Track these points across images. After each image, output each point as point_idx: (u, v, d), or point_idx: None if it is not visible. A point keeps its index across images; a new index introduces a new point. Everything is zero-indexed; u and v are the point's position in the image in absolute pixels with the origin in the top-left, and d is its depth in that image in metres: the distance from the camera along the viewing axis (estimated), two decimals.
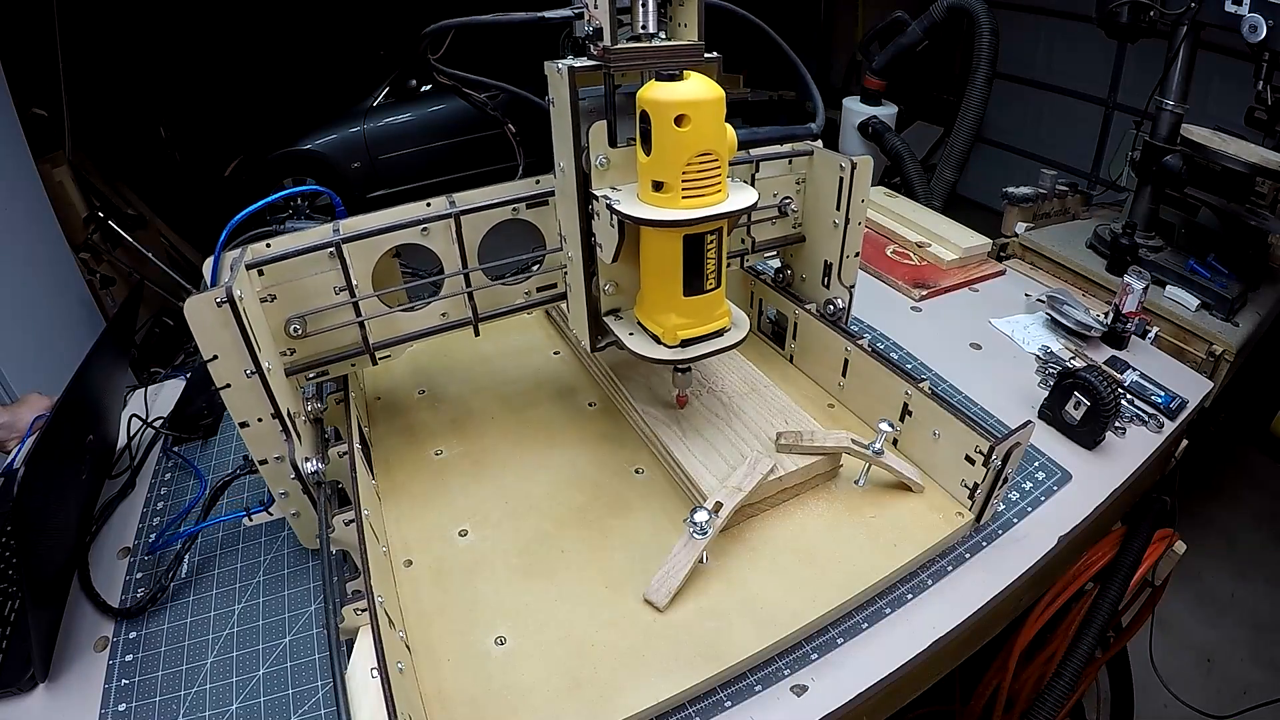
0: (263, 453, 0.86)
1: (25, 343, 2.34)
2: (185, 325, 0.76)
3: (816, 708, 0.81)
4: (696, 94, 0.78)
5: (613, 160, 0.90)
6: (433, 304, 1.05)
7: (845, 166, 1.12)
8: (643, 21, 0.83)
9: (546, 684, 0.80)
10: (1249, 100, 1.84)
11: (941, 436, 1.03)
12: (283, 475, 0.87)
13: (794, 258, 1.31)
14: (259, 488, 1.00)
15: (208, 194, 4.84)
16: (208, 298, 0.75)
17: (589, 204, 0.93)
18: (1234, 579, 2.55)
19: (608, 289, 1.00)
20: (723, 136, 0.83)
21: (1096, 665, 1.51)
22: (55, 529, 0.93)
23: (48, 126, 3.43)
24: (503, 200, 1.03)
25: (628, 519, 1.01)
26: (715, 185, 0.83)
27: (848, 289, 1.23)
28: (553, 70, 0.87)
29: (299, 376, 0.99)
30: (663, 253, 0.87)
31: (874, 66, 4.25)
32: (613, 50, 0.81)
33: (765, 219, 1.23)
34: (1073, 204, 2.35)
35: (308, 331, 0.96)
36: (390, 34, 5.60)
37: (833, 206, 1.17)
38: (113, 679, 0.85)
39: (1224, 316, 1.84)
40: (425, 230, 1.00)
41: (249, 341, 0.78)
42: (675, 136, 0.78)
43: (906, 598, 0.94)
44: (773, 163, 1.18)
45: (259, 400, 0.82)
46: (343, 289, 0.96)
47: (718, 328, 0.94)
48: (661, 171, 0.81)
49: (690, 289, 0.89)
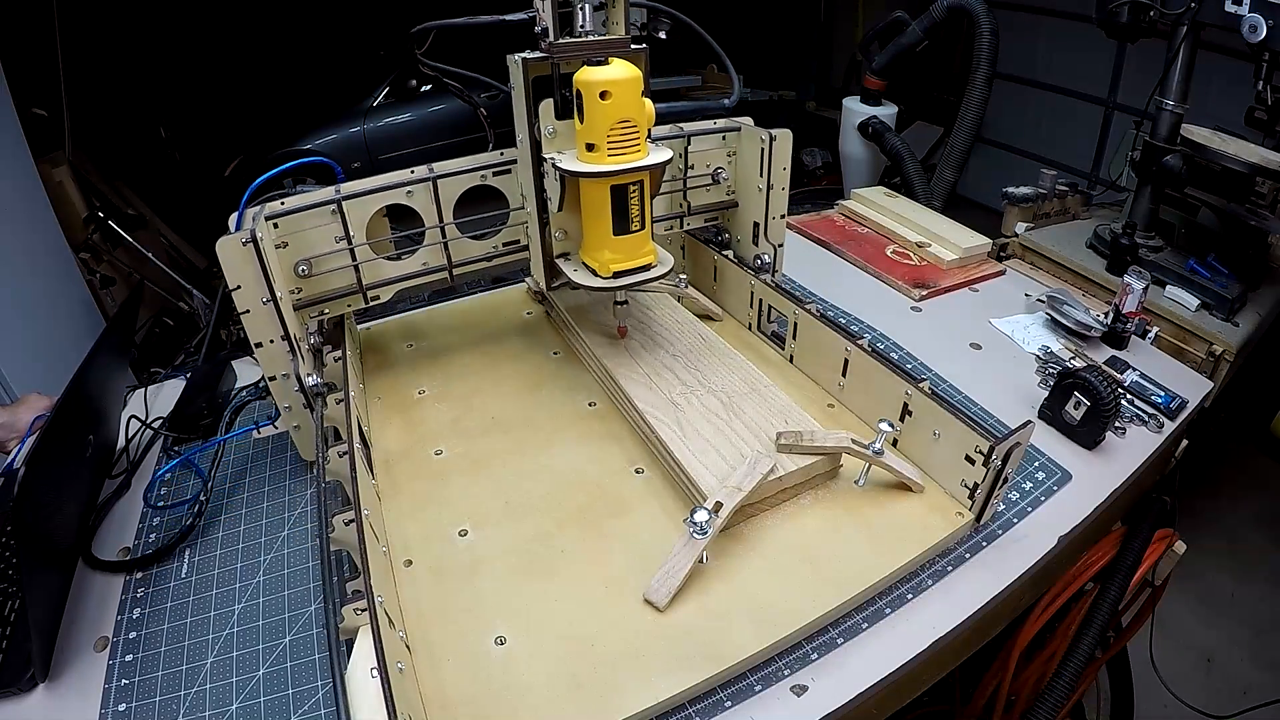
0: (273, 370, 1.02)
1: (25, 343, 2.34)
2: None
3: (816, 708, 0.81)
4: (617, 74, 0.98)
5: (559, 130, 1.10)
6: (415, 252, 1.24)
7: (765, 139, 1.29)
8: (581, 21, 1.04)
9: (546, 684, 0.80)
10: (1249, 100, 1.84)
11: (941, 436, 1.03)
12: (288, 390, 1.04)
13: (730, 221, 1.48)
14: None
15: (208, 194, 4.83)
16: (235, 239, 0.92)
17: (540, 165, 1.13)
18: (1234, 579, 2.55)
19: (558, 236, 1.19)
20: (640, 108, 1.02)
21: (1096, 665, 1.51)
22: (55, 529, 0.93)
23: (48, 126, 3.43)
24: (473, 168, 1.23)
25: (628, 519, 1.01)
26: (635, 145, 1.03)
27: (774, 246, 1.40)
28: (512, 62, 1.09)
29: (304, 313, 1.16)
30: (595, 200, 1.07)
31: (874, 66, 4.25)
32: (556, 45, 1.02)
33: (700, 186, 1.40)
34: (1073, 204, 2.35)
35: (313, 272, 1.14)
36: (390, 34, 5.60)
37: (758, 174, 1.33)
38: (113, 679, 0.85)
39: (1224, 316, 1.84)
40: (410, 192, 1.19)
41: (266, 274, 0.95)
42: (600, 107, 0.98)
43: (906, 598, 0.94)
44: (706, 137, 1.36)
45: (272, 324, 0.98)
46: (341, 239, 1.15)
47: (644, 263, 1.13)
48: (591, 135, 1.01)
49: (619, 229, 1.08)
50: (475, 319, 1.52)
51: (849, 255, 1.84)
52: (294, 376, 1.02)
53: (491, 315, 1.52)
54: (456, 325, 1.48)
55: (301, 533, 1.03)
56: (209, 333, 1.70)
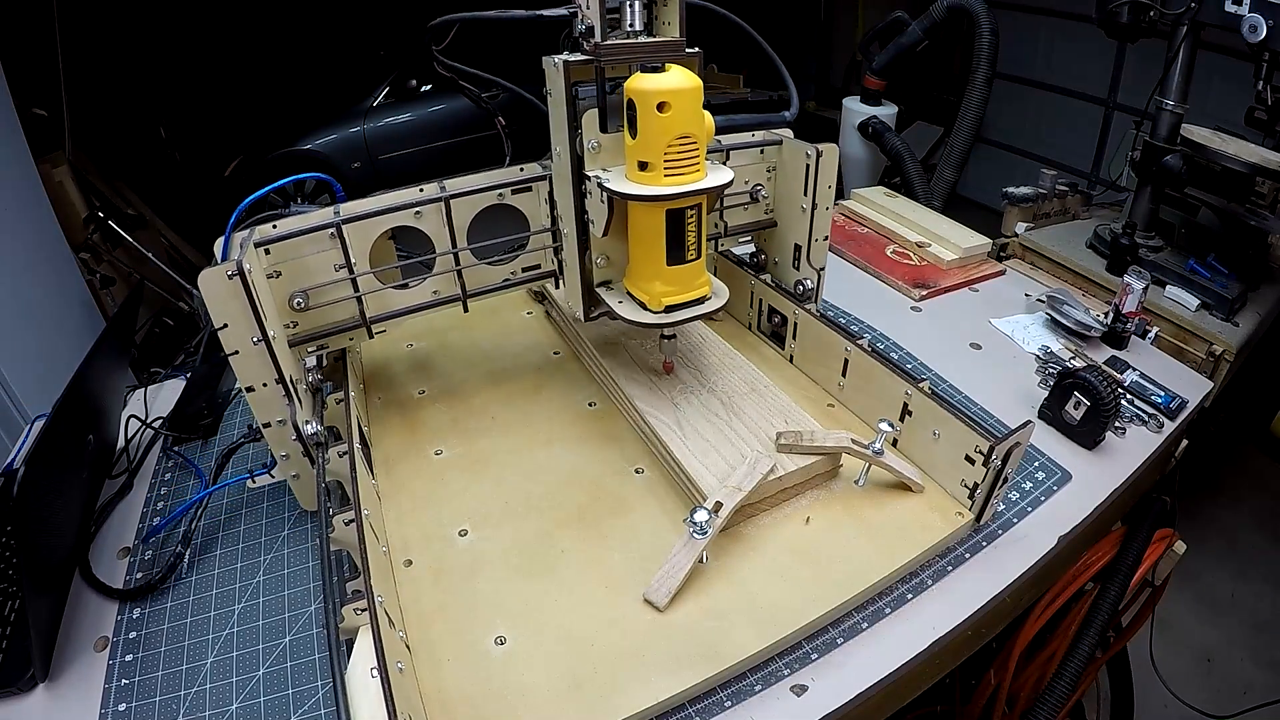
0: (267, 416, 0.92)
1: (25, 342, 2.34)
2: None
3: (816, 708, 0.81)
4: (676, 83, 0.87)
5: (603, 144, 0.99)
6: (425, 281, 1.13)
7: (811, 154, 1.18)
8: (630, 20, 0.93)
9: (546, 684, 0.80)
10: (1249, 100, 1.84)
11: (941, 436, 1.03)
12: (284, 438, 0.94)
13: (767, 242, 1.38)
14: (262, 459, 1.03)
15: (208, 194, 4.84)
16: (219, 271, 0.81)
17: (582, 184, 1.01)
18: (1234, 579, 2.55)
19: (599, 262, 1.08)
20: (700, 121, 0.91)
21: (1096, 665, 1.51)
22: (55, 529, 0.93)
23: (48, 126, 3.42)
24: (490, 185, 1.11)
25: (628, 519, 1.01)
26: (694, 164, 0.92)
27: (816, 271, 1.29)
28: (550, 64, 0.96)
29: (301, 349, 1.05)
30: (648, 226, 0.96)
31: (874, 66, 4.25)
32: (603, 46, 0.91)
33: (737, 205, 1.30)
34: (1073, 204, 2.35)
35: (310, 305, 1.03)
36: (390, 34, 5.60)
37: (801, 192, 1.23)
38: (113, 679, 0.85)
39: (1224, 316, 1.84)
40: (418, 213, 1.07)
41: (256, 311, 0.85)
42: (658, 121, 0.88)
43: (906, 598, 0.94)
44: (744, 151, 1.25)
45: (264, 366, 0.88)
46: (342, 267, 1.04)
47: (699, 295, 1.03)
48: (646, 152, 0.91)
49: (673, 259, 0.98)
50: (475, 319, 1.51)
51: (849, 255, 1.84)
52: (291, 424, 0.92)
53: (492, 315, 1.52)
54: (457, 325, 1.48)
55: (302, 533, 1.03)
56: (209, 333, 1.70)
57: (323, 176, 1.15)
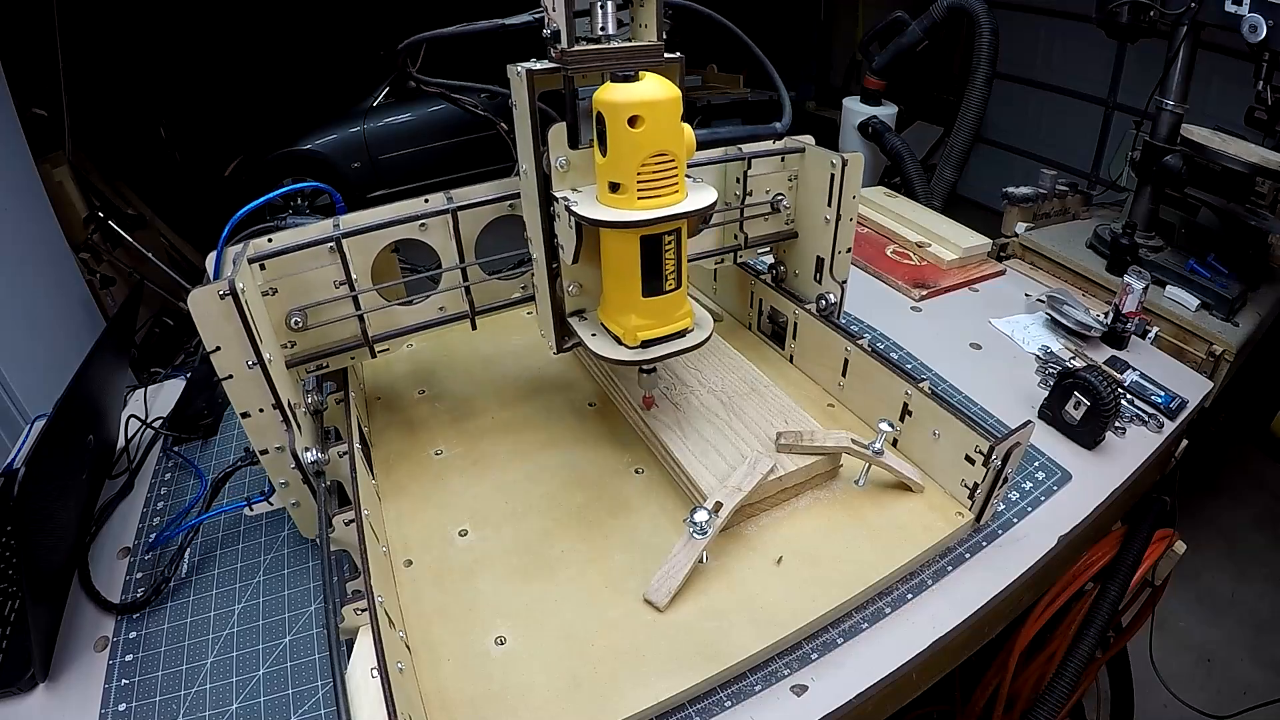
0: (264, 443, 0.87)
1: (25, 342, 2.34)
2: (185, 325, 0.77)
3: (816, 708, 0.81)
4: (650, 94, 0.78)
5: (573, 162, 0.90)
6: (431, 297, 1.07)
7: (836, 164, 1.13)
8: (601, 23, 0.84)
9: (546, 684, 0.80)
10: (1249, 100, 1.84)
11: (941, 436, 1.03)
12: (283, 465, 0.88)
13: (787, 254, 1.32)
14: (260, 479, 1.01)
15: (208, 194, 4.84)
16: (211, 290, 0.76)
17: (550, 205, 0.93)
18: (1234, 579, 2.55)
19: (572, 290, 1.00)
20: (679, 137, 0.82)
21: (1096, 665, 1.51)
22: (55, 529, 0.93)
23: (48, 126, 3.42)
24: (498, 196, 1.05)
25: (628, 519, 1.01)
26: (672, 185, 0.83)
27: (839, 284, 1.24)
28: (513, 73, 0.88)
29: (300, 369, 1.00)
30: (621, 254, 0.87)
31: (874, 66, 4.25)
32: (569, 52, 0.82)
33: (758, 215, 1.24)
34: (1073, 204, 2.35)
35: (308, 324, 0.97)
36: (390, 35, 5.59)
37: (824, 203, 1.18)
38: (113, 679, 0.85)
39: (1224, 316, 1.84)
40: (423, 226, 1.01)
41: (251, 333, 0.79)
42: (630, 137, 0.78)
43: (906, 598, 0.94)
44: (765, 160, 1.19)
45: (260, 391, 0.83)
46: (342, 283, 0.98)
47: (679, 328, 0.94)
48: (617, 173, 0.81)
49: (649, 290, 0.89)
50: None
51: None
52: (289, 452, 0.86)
53: (492, 316, 1.51)
54: (457, 326, 1.48)
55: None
56: None
57: (320, 185, 1.08)
